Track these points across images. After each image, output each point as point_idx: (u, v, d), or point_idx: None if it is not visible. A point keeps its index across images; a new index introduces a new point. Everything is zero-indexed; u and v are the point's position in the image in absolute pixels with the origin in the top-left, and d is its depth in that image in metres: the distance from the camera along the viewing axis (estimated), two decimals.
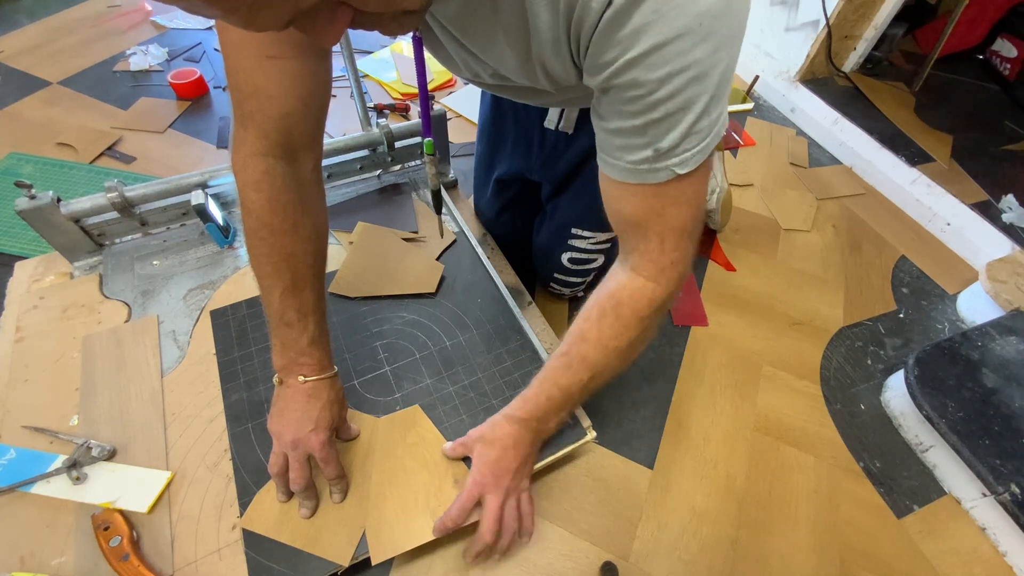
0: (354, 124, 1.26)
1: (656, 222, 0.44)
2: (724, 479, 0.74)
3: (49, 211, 0.71)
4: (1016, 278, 0.94)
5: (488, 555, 0.57)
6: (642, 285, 0.48)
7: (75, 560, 0.52)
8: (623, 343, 0.50)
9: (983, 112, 1.46)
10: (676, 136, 0.36)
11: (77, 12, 1.69)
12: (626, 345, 0.50)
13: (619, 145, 0.40)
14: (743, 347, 0.90)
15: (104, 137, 1.19)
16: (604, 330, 0.50)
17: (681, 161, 0.38)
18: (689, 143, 0.37)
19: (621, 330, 0.49)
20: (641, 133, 0.37)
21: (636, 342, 0.50)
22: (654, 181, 0.40)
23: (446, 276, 0.80)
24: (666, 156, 0.38)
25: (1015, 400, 0.75)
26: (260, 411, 0.64)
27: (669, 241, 0.45)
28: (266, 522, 0.55)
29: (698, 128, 0.36)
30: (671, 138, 0.37)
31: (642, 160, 0.39)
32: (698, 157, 0.38)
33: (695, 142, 0.37)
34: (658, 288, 0.48)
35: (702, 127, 0.36)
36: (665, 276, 0.47)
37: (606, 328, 0.50)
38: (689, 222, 0.44)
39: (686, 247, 0.46)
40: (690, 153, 0.38)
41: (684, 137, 0.36)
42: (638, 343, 0.51)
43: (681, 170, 0.39)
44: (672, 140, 0.37)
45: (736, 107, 1.49)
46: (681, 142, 0.37)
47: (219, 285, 0.77)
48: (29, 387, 0.64)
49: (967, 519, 0.74)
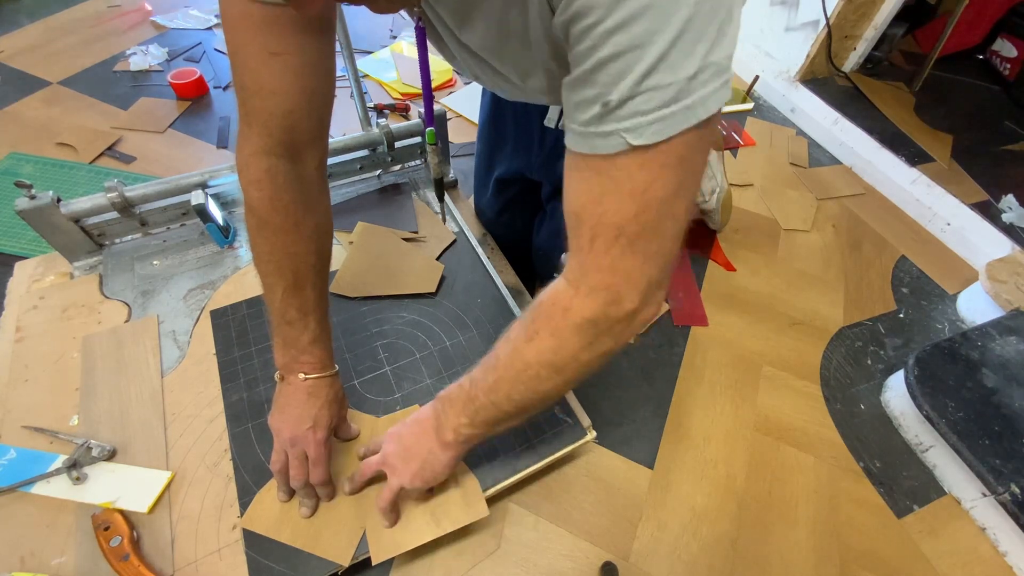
0: (354, 124, 1.26)
1: (591, 212, 0.36)
2: (724, 479, 0.74)
3: (49, 211, 0.71)
4: (1016, 278, 0.94)
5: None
6: (563, 290, 0.40)
7: (75, 560, 0.52)
8: (531, 354, 0.42)
9: (983, 112, 1.46)
10: (627, 85, 0.30)
11: (77, 12, 1.69)
12: (534, 356, 0.42)
13: (575, 102, 0.34)
14: (743, 347, 0.90)
15: (104, 137, 1.19)
16: (520, 331, 0.43)
17: (635, 126, 0.31)
18: (645, 100, 0.30)
19: (532, 335, 0.42)
20: (591, 81, 0.31)
21: (548, 361, 0.42)
22: (603, 151, 0.33)
23: (446, 276, 0.80)
24: (615, 112, 0.31)
25: (1015, 400, 0.75)
26: (260, 411, 0.64)
27: (600, 241, 0.37)
28: (266, 522, 0.55)
29: (657, 83, 0.30)
30: (621, 88, 0.30)
31: (591, 119, 0.33)
32: (657, 128, 0.31)
33: (652, 102, 0.30)
34: (576, 298, 0.39)
35: (662, 83, 0.30)
36: (587, 286, 0.38)
37: (522, 329, 0.43)
38: (629, 221, 0.35)
39: (624, 259, 0.36)
40: (645, 118, 0.31)
41: (637, 86, 0.30)
42: (552, 364, 0.42)
43: (633, 139, 0.31)
44: (622, 91, 0.30)
45: (736, 107, 1.49)
46: (633, 95, 0.30)
47: (219, 285, 0.77)
48: (29, 387, 0.64)
49: (967, 519, 0.74)
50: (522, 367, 0.43)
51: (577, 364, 0.42)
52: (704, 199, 1.00)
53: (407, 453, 0.53)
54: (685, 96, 0.30)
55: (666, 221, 0.36)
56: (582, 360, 0.41)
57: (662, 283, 0.39)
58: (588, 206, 0.37)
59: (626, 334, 0.41)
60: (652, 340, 0.89)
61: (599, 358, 0.42)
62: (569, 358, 0.41)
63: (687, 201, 0.36)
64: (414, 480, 0.52)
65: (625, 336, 0.41)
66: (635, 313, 0.39)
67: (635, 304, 0.38)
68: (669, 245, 0.37)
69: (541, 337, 0.42)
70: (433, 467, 0.52)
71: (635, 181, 0.34)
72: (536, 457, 0.64)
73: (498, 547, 0.64)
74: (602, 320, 0.39)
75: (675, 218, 0.36)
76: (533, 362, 0.42)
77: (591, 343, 0.40)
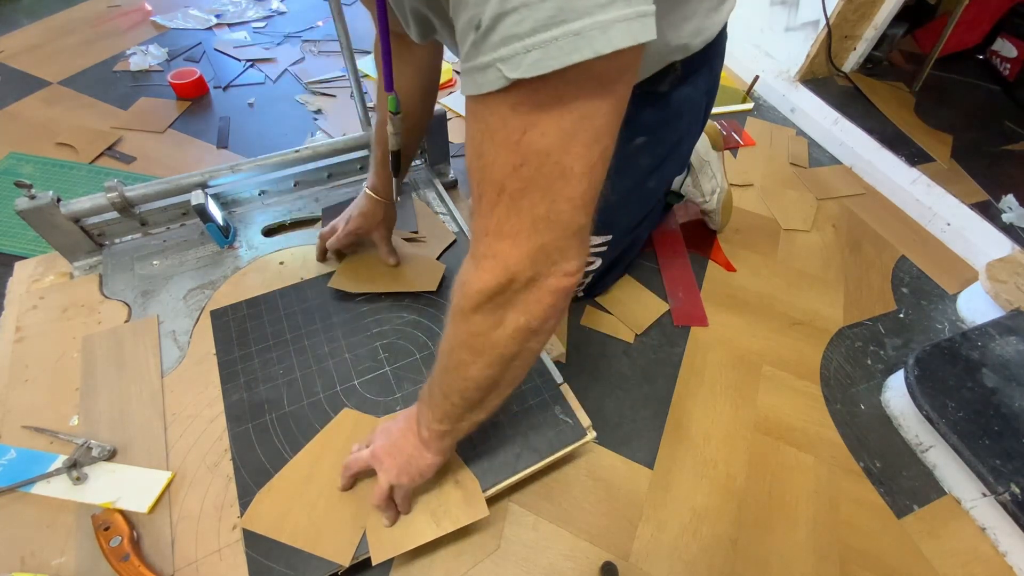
0: (354, 124, 1.26)
1: (476, 166, 0.32)
2: (724, 479, 0.74)
3: (49, 211, 0.71)
4: (1016, 278, 0.94)
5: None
6: (465, 262, 0.37)
7: (75, 560, 0.52)
8: (451, 336, 0.40)
9: (983, 112, 1.46)
10: (497, 0, 0.25)
11: (77, 12, 1.69)
12: (453, 339, 0.40)
13: (458, 33, 0.29)
14: (743, 347, 0.90)
15: (104, 137, 1.19)
16: (448, 314, 0.41)
17: (510, 53, 0.26)
18: (517, 21, 0.25)
19: (450, 315, 0.40)
20: (464, 3, 0.27)
21: (463, 342, 0.39)
22: (484, 88, 0.28)
23: (447, 276, 0.80)
24: (488, 37, 0.27)
25: (1015, 400, 0.75)
26: (260, 411, 0.64)
27: (484, 201, 0.32)
28: (266, 522, 0.55)
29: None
30: (492, 4, 0.26)
31: (470, 48, 0.28)
32: (535, 57, 0.26)
33: (526, 23, 0.25)
34: (470, 270, 0.35)
35: (540, 5, 0.25)
36: (478, 253, 0.34)
37: (449, 311, 0.40)
38: (508, 176, 0.30)
39: (508, 220, 0.32)
40: (522, 43, 0.26)
41: (506, 1, 0.25)
42: (467, 345, 0.39)
43: (509, 70, 0.26)
44: (493, 8, 0.26)
45: (736, 107, 1.49)
46: (504, 13, 0.25)
47: (219, 285, 0.77)
48: (29, 387, 0.64)
49: (967, 519, 0.74)
50: (448, 352, 0.41)
51: (492, 345, 0.38)
52: (704, 199, 1.00)
53: (394, 449, 0.53)
54: (569, 17, 0.25)
55: (555, 179, 0.30)
56: (496, 340, 0.38)
57: (566, 251, 0.34)
58: (472, 159, 0.32)
59: (537, 308, 0.36)
60: (652, 340, 0.89)
61: (516, 337, 0.37)
62: (480, 337, 0.38)
63: (586, 160, 0.30)
64: (400, 477, 0.52)
65: (538, 311, 0.36)
66: (533, 282, 0.34)
67: (528, 273, 0.34)
68: (565, 209, 0.31)
69: (453, 318, 0.39)
70: (419, 464, 0.52)
71: (509, 127, 0.29)
72: (536, 457, 0.64)
73: (498, 547, 0.64)
74: (496, 292, 0.35)
75: (567, 177, 0.30)
76: (454, 346, 0.40)
77: (497, 320, 0.36)
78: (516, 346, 0.38)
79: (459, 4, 0.28)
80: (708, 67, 0.65)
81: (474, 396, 0.44)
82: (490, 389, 0.43)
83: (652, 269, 1.01)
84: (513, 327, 0.37)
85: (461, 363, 0.41)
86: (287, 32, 1.64)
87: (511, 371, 0.42)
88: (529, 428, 0.66)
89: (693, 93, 0.66)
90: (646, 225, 0.91)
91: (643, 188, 0.74)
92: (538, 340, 0.39)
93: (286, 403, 0.65)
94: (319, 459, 0.60)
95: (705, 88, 0.68)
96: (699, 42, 0.58)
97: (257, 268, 0.80)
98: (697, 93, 0.66)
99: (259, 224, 0.87)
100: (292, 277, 0.79)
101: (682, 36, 0.56)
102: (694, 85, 0.65)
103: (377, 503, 0.53)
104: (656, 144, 0.68)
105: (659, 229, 1.08)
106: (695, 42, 0.58)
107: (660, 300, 0.95)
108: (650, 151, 0.68)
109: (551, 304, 0.36)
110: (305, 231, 0.88)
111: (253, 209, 0.89)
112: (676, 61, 0.59)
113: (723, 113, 1.47)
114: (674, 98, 0.64)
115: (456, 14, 0.29)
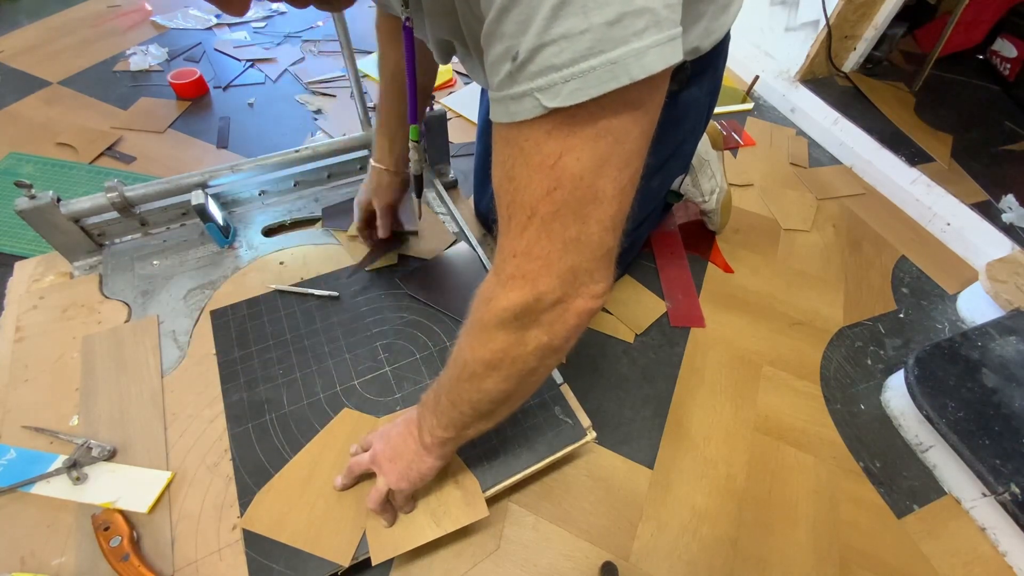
0: (354, 124, 1.26)
1: (506, 189, 0.32)
2: (724, 479, 0.74)
3: (49, 211, 0.71)
4: (1016, 278, 0.94)
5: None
6: (489, 278, 0.38)
7: (75, 560, 0.52)
8: (466, 350, 0.40)
9: (983, 112, 1.46)
10: (534, 32, 0.26)
11: (77, 12, 1.69)
12: (469, 353, 0.40)
13: (489, 64, 0.30)
14: (743, 347, 0.90)
15: (104, 137, 1.19)
16: (463, 325, 0.41)
17: (548, 83, 0.27)
18: (556, 52, 0.26)
19: (467, 329, 0.40)
20: (499, 34, 0.28)
21: (481, 357, 0.39)
22: (518, 117, 0.29)
23: (448, 274, 0.80)
24: (526, 67, 0.27)
25: (1015, 400, 0.75)
26: (260, 411, 0.64)
27: (515, 223, 0.33)
28: (266, 522, 0.55)
29: (567, 29, 0.25)
30: (529, 37, 0.26)
31: (504, 79, 0.29)
32: (574, 86, 0.26)
33: (565, 54, 0.26)
34: (497, 287, 0.36)
35: (573, 30, 0.25)
36: (505, 273, 0.35)
37: (464, 323, 0.41)
38: (540, 200, 0.30)
39: (539, 243, 0.32)
40: (560, 74, 0.26)
41: (544, 33, 0.26)
42: (485, 360, 0.39)
43: (548, 99, 0.27)
44: (530, 40, 0.26)
45: (736, 107, 1.49)
46: (541, 44, 0.26)
47: (219, 285, 0.77)
48: (29, 387, 0.64)
49: (967, 519, 0.74)
50: (462, 364, 0.41)
51: (512, 361, 0.38)
52: (704, 199, 1.00)
53: (394, 453, 0.53)
54: (607, 48, 0.25)
55: (587, 202, 0.31)
56: (516, 356, 0.38)
57: (594, 273, 0.34)
58: (503, 182, 0.32)
59: (561, 328, 0.36)
60: (652, 340, 0.89)
61: (537, 354, 0.38)
62: (500, 353, 0.38)
63: (617, 183, 0.31)
64: (400, 482, 0.52)
65: (562, 330, 0.37)
66: (560, 303, 0.35)
67: (557, 294, 0.34)
68: (595, 231, 0.32)
69: (472, 331, 0.39)
70: (419, 469, 0.52)
71: (543, 151, 0.29)
72: (536, 457, 0.64)
73: (498, 547, 0.64)
74: (523, 311, 0.35)
75: (599, 201, 0.31)
76: (470, 359, 0.40)
77: (520, 337, 0.37)
78: (536, 362, 0.39)
79: (492, 35, 0.28)
80: (713, 68, 0.66)
81: (485, 408, 0.44)
82: (502, 402, 0.43)
83: (652, 269, 1.01)
84: (535, 344, 0.37)
85: (475, 375, 0.41)
86: (287, 32, 1.64)
87: (526, 386, 0.42)
88: (529, 428, 0.66)
89: (698, 94, 0.66)
90: (647, 225, 0.91)
91: (646, 188, 0.74)
92: (556, 357, 0.40)
93: (286, 403, 0.65)
94: (319, 459, 0.60)
95: (709, 89, 0.68)
96: (708, 43, 0.58)
97: (257, 268, 0.80)
98: (702, 94, 0.67)
99: (259, 224, 0.87)
100: (292, 277, 0.79)
101: (692, 38, 0.57)
102: (699, 86, 0.65)
103: (372, 507, 0.53)
104: (660, 144, 0.68)
105: (658, 230, 1.08)
106: (705, 43, 0.58)
107: (660, 300, 0.95)
108: (654, 151, 0.68)
109: (575, 325, 0.37)
110: (305, 231, 0.88)
111: (253, 209, 0.89)
112: (687, 61, 0.60)
113: (723, 113, 1.47)
114: (681, 99, 0.64)
115: (488, 44, 0.29)
